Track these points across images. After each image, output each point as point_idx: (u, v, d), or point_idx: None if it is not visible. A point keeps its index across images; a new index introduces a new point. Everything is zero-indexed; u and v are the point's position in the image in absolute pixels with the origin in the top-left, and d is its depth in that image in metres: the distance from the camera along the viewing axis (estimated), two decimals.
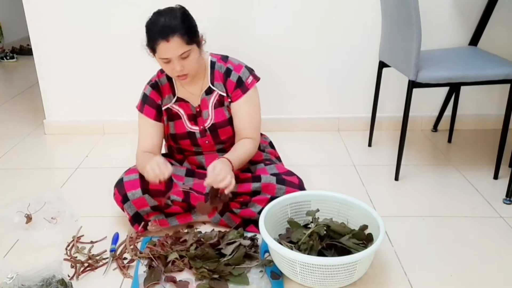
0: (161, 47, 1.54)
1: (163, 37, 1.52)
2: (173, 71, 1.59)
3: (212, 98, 1.73)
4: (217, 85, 1.72)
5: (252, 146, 1.72)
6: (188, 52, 1.56)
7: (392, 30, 2.10)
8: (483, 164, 2.22)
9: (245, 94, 1.71)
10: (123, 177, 1.71)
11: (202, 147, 1.79)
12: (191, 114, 1.75)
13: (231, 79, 1.71)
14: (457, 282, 1.47)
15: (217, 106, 1.73)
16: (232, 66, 1.72)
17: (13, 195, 2.01)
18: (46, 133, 2.76)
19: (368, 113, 2.46)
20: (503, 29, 2.44)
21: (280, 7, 2.48)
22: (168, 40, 1.52)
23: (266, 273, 1.49)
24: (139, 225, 1.70)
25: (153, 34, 1.55)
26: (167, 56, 1.55)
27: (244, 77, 1.71)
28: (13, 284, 1.37)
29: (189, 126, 1.75)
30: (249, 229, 1.70)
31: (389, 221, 1.75)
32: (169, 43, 1.52)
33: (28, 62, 4.27)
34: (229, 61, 1.74)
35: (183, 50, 1.54)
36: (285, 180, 1.70)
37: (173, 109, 1.75)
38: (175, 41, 1.52)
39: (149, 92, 1.74)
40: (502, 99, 2.50)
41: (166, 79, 1.74)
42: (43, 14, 2.51)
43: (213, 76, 1.72)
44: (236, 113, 1.73)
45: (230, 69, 1.71)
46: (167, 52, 1.54)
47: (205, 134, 1.76)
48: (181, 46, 1.54)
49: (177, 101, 1.74)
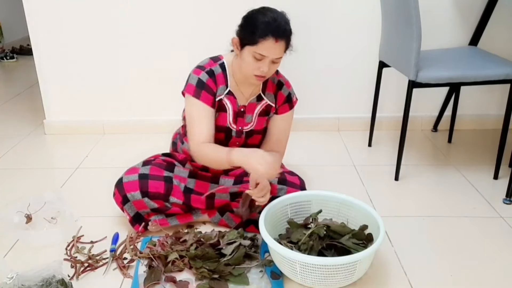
0: (267, 44, 1.50)
1: (276, 36, 1.49)
2: (258, 69, 1.55)
3: (260, 105, 1.73)
4: (267, 95, 1.73)
5: (281, 162, 1.79)
6: (281, 58, 1.57)
7: (392, 30, 2.10)
8: (483, 164, 2.22)
9: (290, 110, 1.76)
10: (123, 177, 1.71)
11: (228, 145, 1.76)
12: (235, 111, 1.72)
13: (282, 92, 1.74)
14: (457, 282, 1.47)
15: (262, 115, 1.74)
16: (283, 80, 1.76)
17: (13, 195, 2.00)
18: (46, 133, 2.76)
19: (368, 113, 2.46)
20: (503, 29, 2.44)
21: (280, 7, 2.47)
22: (278, 41, 1.50)
23: (266, 273, 1.49)
24: (139, 225, 1.70)
25: (265, 28, 1.50)
26: (267, 54, 1.52)
27: (292, 94, 1.77)
28: (13, 284, 1.37)
29: (230, 122, 1.72)
30: (249, 229, 1.70)
31: (389, 221, 1.75)
32: (277, 44, 1.50)
33: (28, 62, 4.27)
34: (280, 74, 1.76)
35: (281, 55, 1.54)
36: (286, 180, 1.70)
37: (223, 101, 1.70)
38: (282, 44, 1.52)
39: (205, 79, 1.65)
40: (502, 99, 2.50)
41: (220, 68, 1.68)
42: (43, 14, 2.51)
43: (265, 86, 1.73)
44: (276, 125, 1.76)
45: (282, 83, 1.74)
46: (270, 51, 1.51)
47: (241, 136, 1.75)
48: (282, 51, 1.54)
49: (228, 94, 1.70)
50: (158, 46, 2.55)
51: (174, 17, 2.49)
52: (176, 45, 2.54)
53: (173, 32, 2.51)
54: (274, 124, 1.77)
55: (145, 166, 1.72)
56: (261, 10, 1.55)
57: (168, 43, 2.54)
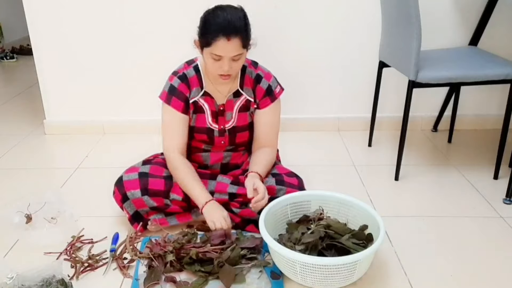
0: (219, 44, 1.51)
1: (226, 35, 1.49)
2: (219, 69, 1.56)
3: (238, 101, 1.73)
4: (246, 90, 1.72)
5: (273, 156, 1.78)
6: (241, 55, 1.56)
7: (392, 30, 2.10)
8: (483, 164, 2.22)
9: (272, 103, 1.74)
10: (123, 175, 1.71)
11: (215, 146, 1.78)
12: (214, 111, 1.73)
13: (261, 86, 1.72)
14: (457, 282, 1.47)
15: (242, 110, 1.74)
16: (262, 73, 1.73)
17: (13, 195, 2.00)
18: (46, 133, 2.76)
19: (368, 113, 2.46)
20: (503, 29, 2.44)
21: (280, 7, 2.48)
22: (229, 39, 1.50)
23: (266, 273, 1.49)
24: (138, 224, 1.70)
25: (215, 28, 1.51)
26: (222, 54, 1.52)
27: (273, 86, 1.73)
28: (13, 284, 1.37)
29: (210, 122, 1.73)
30: (249, 228, 1.70)
31: (389, 221, 1.75)
32: (229, 42, 1.50)
33: (28, 62, 4.27)
34: (259, 67, 1.75)
35: (238, 52, 1.54)
36: (284, 182, 1.70)
37: (199, 103, 1.72)
38: (235, 42, 1.51)
39: (177, 84, 1.69)
40: (502, 99, 2.49)
41: (194, 71, 1.71)
42: (43, 14, 2.51)
43: (243, 81, 1.72)
44: (260, 120, 1.75)
45: (260, 76, 1.73)
46: (224, 51, 1.52)
47: (224, 134, 1.75)
48: (238, 48, 1.53)
49: (203, 95, 1.72)
50: (158, 46, 2.55)
51: (174, 18, 2.49)
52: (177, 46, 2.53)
53: (174, 33, 2.51)
54: (259, 119, 1.75)
55: (145, 165, 1.73)
56: (212, 10, 1.57)
57: (169, 43, 2.53)
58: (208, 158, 1.81)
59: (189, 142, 1.79)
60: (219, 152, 1.80)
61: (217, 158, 1.78)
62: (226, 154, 1.80)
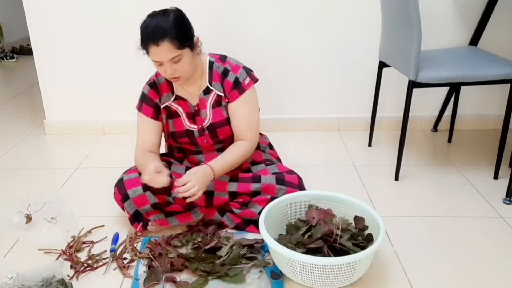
0: (152, 51, 1.55)
1: (154, 41, 1.53)
2: (165, 73, 1.60)
3: (210, 98, 1.73)
4: (215, 85, 1.72)
5: (247, 148, 1.72)
6: (179, 56, 1.56)
7: (392, 30, 2.10)
8: (483, 164, 2.22)
9: (241, 95, 1.71)
10: (123, 176, 1.72)
11: (201, 146, 1.79)
12: (190, 112, 1.75)
13: (228, 79, 1.71)
14: (457, 282, 1.47)
15: (215, 106, 1.73)
16: (229, 66, 1.72)
17: (13, 195, 2.01)
18: (46, 133, 2.76)
19: (368, 113, 2.46)
20: (503, 29, 2.44)
21: (280, 7, 2.48)
22: (158, 45, 1.52)
23: (266, 273, 1.49)
24: (138, 224, 1.70)
25: (144, 37, 1.56)
26: (157, 59, 1.56)
27: (241, 78, 1.71)
28: (13, 284, 1.37)
29: (187, 124, 1.75)
30: (249, 229, 1.70)
31: (389, 221, 1.75)
32: (159, 48, 1.52)
33: (28, 62, 4.27)
34: (227, 61, 1.74)
35: (173, 54, 1.54)
36: (284, 181, 1.70)
37: (172, 107, 1.75)
38: (165, 45, 1.52)
39: (147, 91, 1.76)
40: (502, 99, 2.50)
41: (164, 78, 1.74)
42: (43, 14, 2.51)
43: (211, 76, 1.72)
44: (233, 114, 1.73)
45: (227, 70, 1.71)
46: (158, 56, 1.55)
47: (203, 133, 1.76)
48: (171, 51, 1.53)
49: (176, 99, 1.75)
50: None
51: None
52: None
53: None
54: (231, 113, 1.74)
55: None
56: (144, 20, 1.59)
57: None
58: (202, 159, 1.81)
59: (178, 145, 1.82)
60: (212, 153, 1.80)
61: (211, 158, 1.77)
62: (219, 154, 1.79)
